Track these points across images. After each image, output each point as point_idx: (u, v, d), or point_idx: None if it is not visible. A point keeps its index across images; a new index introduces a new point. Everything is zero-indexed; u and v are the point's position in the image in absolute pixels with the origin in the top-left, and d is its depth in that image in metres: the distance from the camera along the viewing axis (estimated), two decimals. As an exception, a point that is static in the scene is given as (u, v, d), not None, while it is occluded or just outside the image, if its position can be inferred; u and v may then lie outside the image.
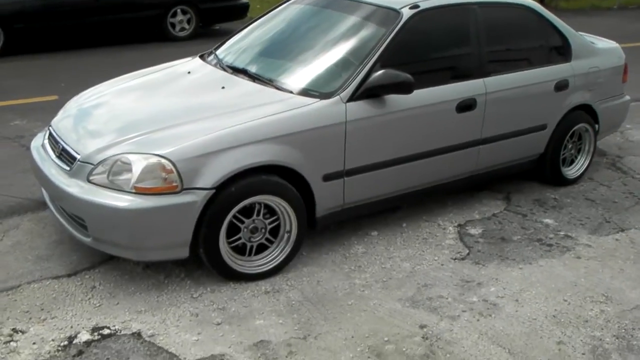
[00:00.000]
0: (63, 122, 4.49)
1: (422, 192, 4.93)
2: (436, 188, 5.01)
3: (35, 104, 7.34)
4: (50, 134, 4.43)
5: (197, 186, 3.79)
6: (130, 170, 3.78)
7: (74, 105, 4.78)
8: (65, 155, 4.10)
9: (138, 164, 3.76)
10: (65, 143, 4.17)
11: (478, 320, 3.84)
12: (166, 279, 4.15)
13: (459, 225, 5.00)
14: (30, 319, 3.75)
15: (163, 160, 3.74)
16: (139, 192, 3.78)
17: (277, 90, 4.38)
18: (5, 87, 8.15)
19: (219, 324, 3.74)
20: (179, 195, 3.78)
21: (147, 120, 4.16)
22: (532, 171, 5.66)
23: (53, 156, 4.24)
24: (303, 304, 3.94)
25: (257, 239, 4.17)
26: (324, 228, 4.53)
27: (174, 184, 3.76)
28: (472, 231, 4.91)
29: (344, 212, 4.51)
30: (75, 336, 3.60)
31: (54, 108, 4.97)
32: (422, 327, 3.77)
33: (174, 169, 3.73)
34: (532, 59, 5.40)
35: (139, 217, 3.75)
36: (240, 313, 3.84)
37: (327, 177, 4.26)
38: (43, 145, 4.45)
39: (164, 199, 3.75)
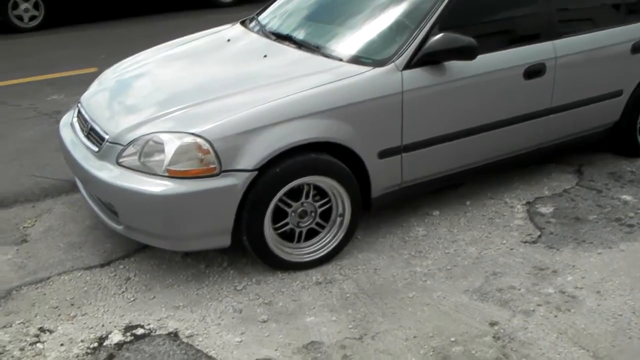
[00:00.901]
0: (94, 97, 4.01)
1: (486, 167, 4.33)
2: (501, 162, 4.40)
3: (74, 77, 6.90)
4: (79, 112, 3.91)
5: (238, 168, 3.29)
6: (162, 152, 3.26)
7: (107, 77, 4.28)
8: (93, 135, 3.63)
9: (171, 144, 3.26)
10: (93, 121, 3.69)
11: (556, 316, 3.26)
12: (207, 268, 3.66)
13: (528, 203, 4.38)
14: (59, 315, 3.31)
15: (198, 140, 3.24)
16: (173, 175, 3.29)
17: (325, 59, 3.82)
18: (45, 60, 7.75)
19: (264, 321, 3.23)
20: (218, 179, 3.29)
21: (181, 95, 3.66)
22: (605, 141, 4.96)
23: (81, 136, 3.75)
24: (358, 297, 3.40)
25: (307, 223, 3.66)
26: (379, 209, 3.93)
27: (212, 166, 3.27)
28: (543, 210, 4.29)
29: (401, 191, 3.95)
30: (107, 337, 3.14)
31: (93, 80, 4.48)
32: (492, 324, 3.20)
33: (211, 149, 3.23)
34: (607, 18, 4.72)
35: (174, 204, 3.28)
36: (289, 308, 3.32)
37: (383, 154, 3.72)
38: (72, 124, 3.95)
39: (201, 183, 3.27)
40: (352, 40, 3.99)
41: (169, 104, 3.60)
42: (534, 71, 4.18)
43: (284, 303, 3.39)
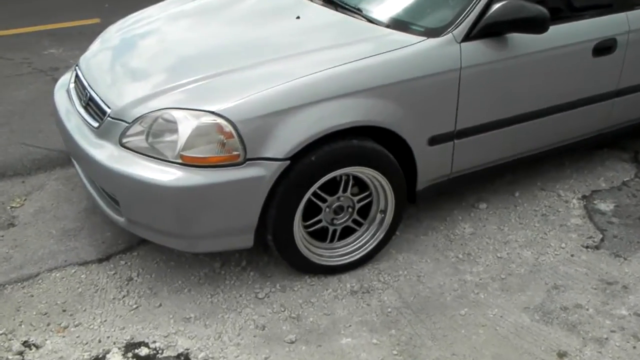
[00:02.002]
0: (95, 60, 3.29)
1: (540, 155, 3.67)
2: (556, 150, 3.71)
3: (74, 28, 6.15)
4: (77, 76, 3.21)
5: (266, 156, 2.65)
6: (175, 132, 2.59)
7: (110, 36, 3.56)
8: (93, 107, 2.94)
9: (185, 124, 2.59)
10: (93, 90, 2.97)
11: (634, 347, 2.70)
12: (223, 268, 3.05)
13: (584, 197, 3.74)
14: (48, 325, 2.69)
15: (219, 120, 2.59)
16: (187, 162, 2.63)
17: (368, 24, 3.15)
18: (42, 7, 6.92)
19: (292, 342, 2.63)
20: (241, 168, 2.65)
21: (198, 62, 3.01)
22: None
23: (79, 106, 3.05)
24: (402, 312, 2.78)
25: (342, 221, 3.01)
26: (423, 201, 3.28)
27: (235, 153, 2.63)
28: (602, 207, 3.66)
29: (449, 182, 3.35)
30: (104, 357, 2.46)
31: (95, 33, 3.87)
32: (561, 355, 2.66)
33: (234, 132, 2.59)
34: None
35: (187, 197, 2.65)
36: (320, 325, 2.70)
37: (434, 140, 3.09)
38: (69, 90, 3.24)
39: (221, 173, 2.64)
40: (402, 3, 3.29)
41: (183, 72, 2.93)
42: (604, 47, 3.51)
43: (315, 318, 2.77)
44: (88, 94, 3.06)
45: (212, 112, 2.63)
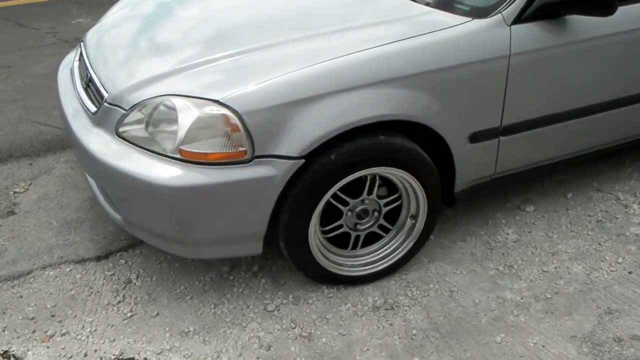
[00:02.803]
0: (104, 36, 2.89)
1: (597, 153, 3.15)
2: (616, 148, 3.19)
3: (107, -4, 5.74)
4: (81, 53, 2.84)
5: (277, 153, 2.25)
6: (175, 121, 2.16)
7: (129, 3, 3.16)
8: (93, 90, 2.55)
9: (186, 114, 2.21)
10: (94, 70, 2.58)
11: None
12: (232, 272, 2.69)
13: (647, 201, 3.20)
14: (33, 332, 2.37)
15: (224, 111, 2.19)
16: (187, 158, 2.24)
17: (405, 0, 2.65)
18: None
19: (301, 367, 2.20)
20: (249, 167, 2.25)
21: (217, 38, 2.65)
22: None
23: (79, 87, 2.68)
24: (428, 335, 2.37)
25: (366, 226, 2.61)
26: (461, 203, 2.85)
27: (241, 149, 2.23)
28: (668, 213, 3.12)
29: (492, 183, 2.86)
30: None
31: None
32: (613, 398, 2.13)
33: (240, 126, 2.19)
34: None
35: (187, 198, 2.28)
36: (334, 348, 2.32)
37: (476, 137, 2.64)
38: (72, 69, 2.88)
39: (225, 172, 2.26)
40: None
41: (197, 51, 2.51)
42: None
43: (329, 339, 2.38)
44: (89, 75, 2.68)
45: (217, 102, 2.23)
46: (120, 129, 2.39)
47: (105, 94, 2.48)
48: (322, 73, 2.29)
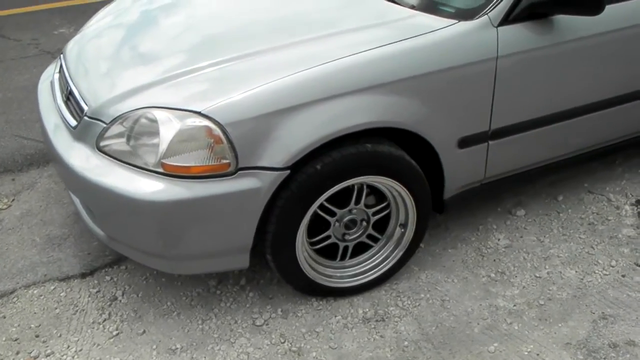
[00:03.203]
0: (85, 46, 2.83)
1: (588, 154, 3.10)
2: (607, 149, 3.14)
3: (89, 5, 5.72)
4: (61, 65, 2.78)
5: (262, 164, 2.21)
6: (157, 135, 2.11)
7: (110, 12, 3.10)
8: (73, 103, 2.49)
9: (168, 126, 2.17)
10: (73, 83, 2.52)
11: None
12: (219, 287, 2.65)
13: (638, 202, 3.15)
14: (17, 353, 2.34)
15: (207, 122, 2.12)
16: (170, 172, 2.18)
17: (388, 3, 2.67)
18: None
19: (291, 384, 2.14)
20: (232, 180, 2.22)
21: (202, 46, 2.59)
22: None
23: (60, 100, 2.61)
24: (420, 347, 2.32)
25: (355, 236, 2.54)
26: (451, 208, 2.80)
27: (224, 162, 2.19)
28: (661, 213, 3.08)
29: (482, 189, 2.81)
30: None
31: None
32: (609, 406, 2.09)
33: (223, 137, 2.16)
34: None
35: (171, 213, 2.23)
36: (325, 362, 2.23)
37: (464, 142, 2.60)
38: (52, 82, 2.82)
39: (208, 186, 2.21)
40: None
41: (181, 60, 2.46)
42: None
43: (319, 353, 2.34)
44: (69, 87, 2.62)
45: (199, 113, 2.18)
46: (102, 143, 2.34)
47: (86, 108, 2.43)
48: (306, 81, 2.25)
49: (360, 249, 2.65)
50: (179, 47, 2.63)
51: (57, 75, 2.90)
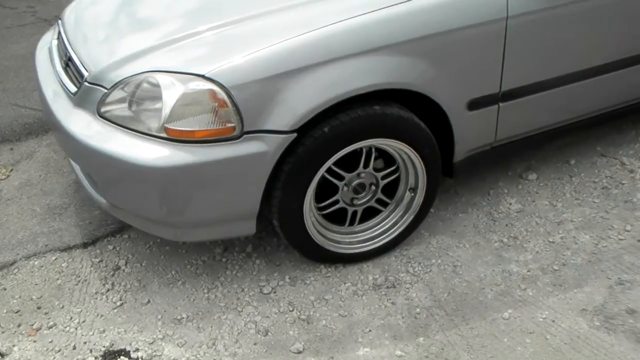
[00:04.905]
0: (83, 12, 2.78)
1: (599, 117, 3.05)
2: (618, 112, 3.09)
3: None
4: (60, 32, 2.73)
5: (268, 128, 2.17)
6: (160, 99, 2.08)
7: None
8: (72, 70, 2.45)
9: (171, 91, 2.13)
10: (72, 49, 2.48)
11: None
12: (225, 254, 2.61)
13: (652, 164, 3.12)
14: (19, 326, 2.29)
15: (211, 86, 2.10)
16: (174, 137, 2.16)
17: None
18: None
19: (299, 352, 2.19)
20: (238, 144, 2.18)
21: (205, 10, 2.49)
22: None
23: (59, 67, 2.57)
24: (432, 314, 2.29)
25: (364, 200, 2.54)
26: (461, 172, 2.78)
27: (230, 125, 2.15)
28: (675, 176, 3.04)
29: (492, 152, 2.79)
30: None
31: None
32: (628, 373, 2.07)
33: (228, 101, 2.11)
34: None
35: (173, 179, 2.20)
36: (334, 330, 2.25)
37: (475, 104, 2.54)
38: (50, 48, 2.77)
39: (213, 150, 2.17)
40: None
41: (180, 24, 2.42)
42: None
43: (328, 321, 2.30)
44: (68, 54, 2.58)
45: (203, 76, 2.14)
46: (103, 109, 2.29)
47: (86, 73, 2.38)
48: (311, 42, 2.19)
49: (370, 214, 2.61)
50: (177, 11, 2.58)
51: (55, 42, 2.84)
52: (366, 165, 2.47)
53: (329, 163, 2.33)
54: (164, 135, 2.17)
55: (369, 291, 2.47)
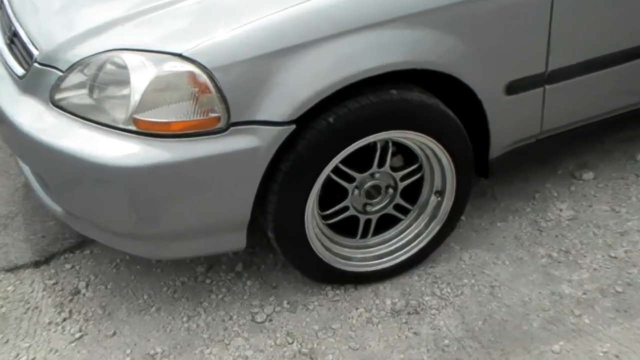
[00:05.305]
0: None
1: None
2: None
3: None
4: (2, 2, 2.82)
5: (260, 118, 2.25)
6: (127, 84, 2.17)
7: None
8: (19, 47, 2.54)
9: (141, 73, 2.22)
10: (19, 23, 2.57)
11: None
12: (209, 274, 2.76)
13: None
14: (-47, 363, 2.33)
15: (190, 67, 2.19)
16: (144, 130, 2.24)
17: None
18: None
19: (301, 396, 2.21)
20: (224, 138, 2.25)
21: None
22: None
23: (2, 45, 2.67)
24: (464, 346, 2.43)
25: (379, 207, 2.65)
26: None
27: (214, 115, 2.23)
28: None
29: (537, 146, 2.90)
30: None
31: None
32: None
33: (210, 85, 2.18)
34: None
35: (144, 182, 2.27)
36: (345, 367, 2.30)
37: (515, 87, 2.63)
38: (-9, 21, 2.87)
39: (195, 146, 2.24)
40: None
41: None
42: None
43: (336, 355, 2.45)
44: (13, 28, 2.66)
45: (180, 56, 2.21)
46: (57, 96, 2.37)
47: (35, 52, 2.46)
48: (313, 13, 2.27)
49: (386, 223, 2.69)
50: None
51: (-5, 12, 2.93)
52: (382, 164, 2.55)
53: (335, 161, 2.41)
54: (132, 128, 2.24)
55: (387, 318, 2.55)
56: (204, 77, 2.18)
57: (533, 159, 3.01)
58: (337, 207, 2.57)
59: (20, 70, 2.52)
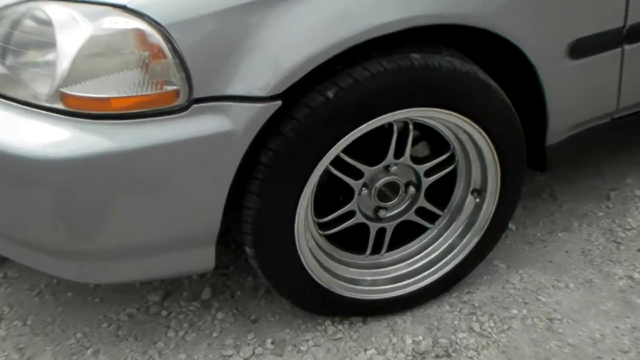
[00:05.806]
0: None
1: None
2: None
3: None
4: None
5: (233, 93, 2.27)
6: (53, 47, 2.22)
7: None
8: None
9: (70, 31, 2.25)
10: None
11: None
12: (166, 305, 2.80)
13: None
14: None
15: (137, 23, 2.21)
16: (76, 109, 2.25)
17: None
18: None
19: None
20: (184, 119, 2.27)
21: None
22: None
23: None
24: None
25: (395, 212, 2.68)
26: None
27: (170, 89, 2.24)
28: None
29: (613, 129, 2.97)
30: None
31: None
32: None
33: (166, 48, 2.20)
34: None
35: (80, 179, 2.27)
36: None
37: (581, 49, 2.67)
38: None
39: (145, 129, 2.25)
40: None
41: None
42: None
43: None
44: None
45: (124, 7, 2.23)
46: (-40, 65, 2.39)
47: None
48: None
49: (406, 234, 2.72)
50: None
51: None
52: (399, 154, 2.57)
53: (336, 150, 2.43)
54: (59, 106, 2.26)
55: (405, 365, 2.55)
56: (156, 37, 2.20)
57: (607, 147, 3.02)
58: (339, 213, 2.60)
59: None
